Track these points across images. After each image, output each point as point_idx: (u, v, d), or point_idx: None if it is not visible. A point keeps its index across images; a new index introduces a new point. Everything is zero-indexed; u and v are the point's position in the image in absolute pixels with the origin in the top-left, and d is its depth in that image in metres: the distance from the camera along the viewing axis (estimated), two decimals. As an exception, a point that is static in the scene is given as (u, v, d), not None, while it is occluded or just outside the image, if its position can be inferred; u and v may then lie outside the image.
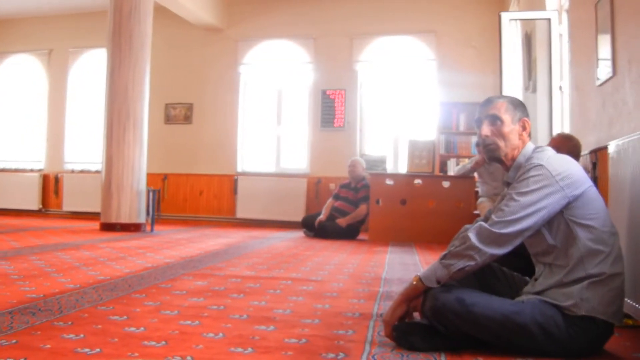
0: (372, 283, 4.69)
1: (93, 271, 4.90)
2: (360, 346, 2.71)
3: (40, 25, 14.54)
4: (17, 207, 13.96)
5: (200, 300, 3.71)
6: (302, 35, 12.51)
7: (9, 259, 5.63)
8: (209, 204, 12.90)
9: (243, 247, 7.60)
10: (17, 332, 2.78)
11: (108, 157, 9.76)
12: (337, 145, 12.07)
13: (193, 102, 13.16)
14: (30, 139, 14.64)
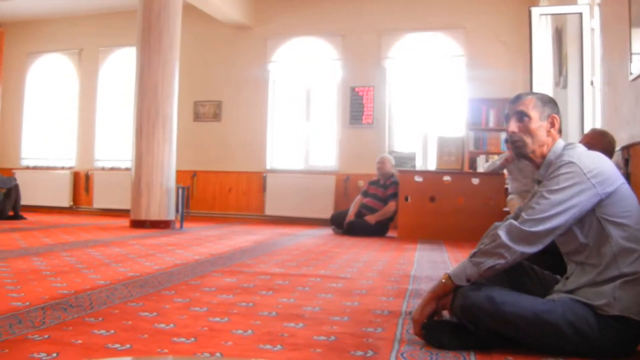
0: (401, 281, 4.68)
1: (123, 268, 4.94)
2: (389, 344, 2.71)
3: (71, 25, 14.64)
4: (48, 204, 14.08)
5: (229, 297, 3.72)
6: (330, 32, 12.50)
7: (41, 255, 5.68)
8: (238, 201, 12.93)
9: (272, 244, 7.62)
10: (49, 327, 2.81)
11: (138, 154, 9.82)
12: (366, 142, 12.05)
13: (222, 100, 13.20)
14: (61, 137, 14.75)
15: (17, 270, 4.59)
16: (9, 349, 2.42)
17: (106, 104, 14.27)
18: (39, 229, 9.18)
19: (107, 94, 14.29)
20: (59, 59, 14.85)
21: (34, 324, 2.85)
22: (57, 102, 14.88)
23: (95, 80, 14.32)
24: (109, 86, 14.28)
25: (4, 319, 2.93)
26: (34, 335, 2.65)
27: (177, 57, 10.04)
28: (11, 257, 5.49)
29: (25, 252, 5.89)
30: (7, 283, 4.01)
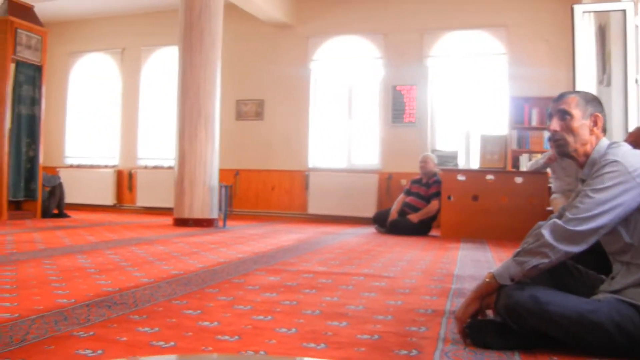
0: (445, 280, 4.66)
1: (167, 266, 4.97)
2: (432, 343, 2.69)
3: (113, 25, 14.78)
4: (92, 203, 14.23)
5: (273, 296, 3.73)
6: (372, 30, 12.48)
7: (86, 253, 5.74)
8: (281, 200, 12.96)
9: (315, 242, 7.62)
10: (94, 324, 2.84)
11: (181, 153, 9.89)
12: (408, 141, 12.01)
13: (264, 99, 13.23)
14: (104, 136, 14.89)
15: (63, 268, 4.64)
16: (55, 346, 2.45)
17: (149, 102, 14.38)
18: (83, 227, 9.28)
19: (149, 93, 14.40)
20: (102, 59, 14.99)
21: (79, 321, 2.88)
22: (100, 101, 15.03)
23: (138, 79, 14.45)
24: (151, 85, 14.38)
25: (50, 316, 2.96)
26: (79, 332, 2.68)
27: (218, 56, 10.10)
28: (56, 254, 5.56)
29: (70, 250, 5.96)
30: (53, 280, 4.06)
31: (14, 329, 2.70)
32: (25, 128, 10.64)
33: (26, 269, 4.58)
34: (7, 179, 10.26)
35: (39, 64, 10.88)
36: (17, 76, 10.46)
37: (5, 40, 10.28)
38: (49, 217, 11.06)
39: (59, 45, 14.83)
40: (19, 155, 10.51)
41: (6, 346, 2.42)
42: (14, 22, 10.37)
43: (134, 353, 2.39)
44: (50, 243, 6.61)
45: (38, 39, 10.88)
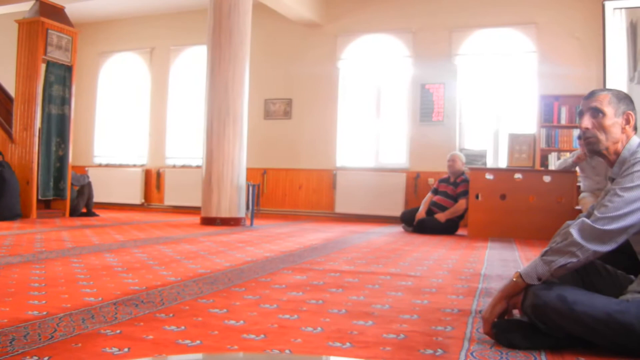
0: (471, 279, 4.64)
1: (194, 264, 4.99)
2: (459, 343, 2.68)
3: (142, 25, 14.86)
4: (121, 202, 14.33)
5: (299, 295, 3.73)
6: (401, 29, 12.44)
7: (114, 251, 5.77)
8: (308, 199, 12.97)
9: (342, 241, 7.62)
10: (121, 322, 2.85)
11: (208, 152, 9.93)
12: (436, 140, 11.96)
13: (292, 98, 13.24)
14: (133, 135, 14.97)
15: (90, 267, 4.67)
16: (82, 343, 2.46)
17: (177, 102, 14.44)
18: (111, 225, 9.34)
19: (178, 92, 14.46)
20: (131, 58, 15.09)
21: (106, 319, 2.90)
22: (129, 100, 15.12)
23: (167, 78, 14.52)
24: (180, 84, 14.44)
25: (78, 314, 2.98)
26: (106, 330, 2.70)
27: (247, 55, 10.12)
28: (84, 253, 5.60)
29: (98, 249, 5.99)
30: (81, 279, 4.08)
31: (42, 326, 2.72)
32: (55, 127, 10.73)
33: (55, 267, 4.61)
34: (37, 178, 10.35)
35: (69, 64, 10.96)
36: (47, 76, 10.56)
37: (36, 40, 10.38)
38: (78, 216, 11.14)
39: (88, 46, 14.95)
40: (48, 154, 10.59)
41: (34, 343, 2.44)
42: (45, 23, 10.47)
43: (160, 351, 2.40)
44: (78, 242, 6.66)
45: (68, 39, 10.97)
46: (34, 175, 10.30)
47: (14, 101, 10.69)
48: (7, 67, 11.28)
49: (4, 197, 9.66)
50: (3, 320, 2.82)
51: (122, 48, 15.19)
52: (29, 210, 10.24)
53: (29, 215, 10.21)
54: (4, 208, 9.64)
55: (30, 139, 10.33)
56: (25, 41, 10.53)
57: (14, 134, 10.47)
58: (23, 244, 6.24)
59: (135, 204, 14.32)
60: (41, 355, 2.27)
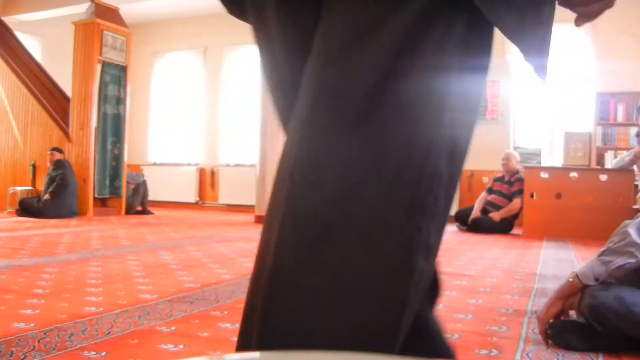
0: (527, 279, 4.59)
1: (248, 262, 5.01)
2: (514, 343, 2.66)
3: (196, 24, 14.95)
4: (175, 200, 14.45)
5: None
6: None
7: (169, 249, 5.83)
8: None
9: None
10: (176, 319, 2.88)
11: (263, 151, 9.96)
12: (490, 138, 11.84)
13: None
14: (187, 134, 15.08)
15: (146, 264, 4.72)
16: (138, 340, 2.49)
17: (231, 101, 14.50)
18: (166, 223, 9.43)
19: (231, 91, 14.53)
20: (184, 58, 15.20)
21: (162, 316, 2.93)
22: (183, 99, 15.23)
23: (220, 77, 14.59)
24: (234, 83, 14.51)
25: (134, 311, 3.02)
26: (161, 327, 2.72)
27: (300, 53, 10.13)
28: (140, 251, 5.66)
29: (154, 247, 6.06)
30: (137, 276, 4.13)
31: (99, 322, 2.76)
32: (110, 127, 10.87)
33: (111, 264, 4.67)
34: (93, 177, 10.50)
35: (123, 64, 11.10)
36: (103, 76, 10.70)
37: (92, 41, 10.54)
38: (133, 214, 11.27)
39: (142, 46, 15.09)
40: (104, 153, 10.74)
41: (92, 339, 2.47)
42: (100, 24, 10.61)
43: (215, 349, 2.42)
44: (134, 239, 6.74)
45: (123, 40, 11.10)
46: (90, 173, 10.45)
47: (70, 101, 10.85)
48: (64, 68, 11.46)
49: (64, 196, 9.82)
50: (62, 316, 2.87)
51: (175, 47, 15.31)
52: (86, 208, 10.38)
53: (86, 213, 10.35)
54: (63, 207, 9.80)
55: (87, 138, 10.47)
56: (82, 42, 10.69)
57: (71, 133, 10.63)
58: (80, 242, 6.33)
59: (189, 202, 14.42)
60: (98, 351, 2.30)
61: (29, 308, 3.04)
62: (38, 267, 4.43)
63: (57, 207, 9.74)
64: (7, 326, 2.66)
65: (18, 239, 6.49)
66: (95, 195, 10.61)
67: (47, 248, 5.69)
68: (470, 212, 9.69)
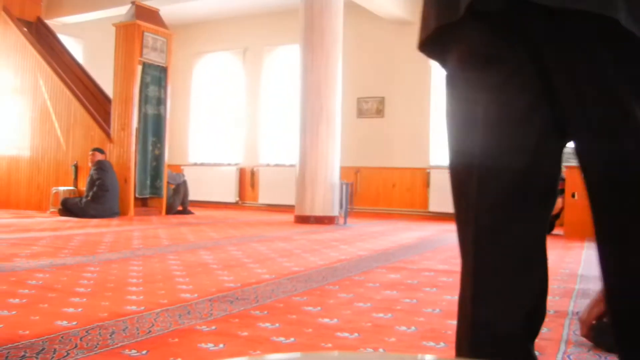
0: (568, 280, 4.54)
1: (288, 262, 5.02)
2: (555, 345, 2.63)
3: (235, 25, 15.03)
4: (216, 200, 14.53)
5: (393, 293, 3.71)
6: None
7: (209, 249, 5.85)
8: (402, 197, 12.90)
9: (436, 240, 7.57)
10: (217, 319, 2.89)
11: (302, 151, 9.97)
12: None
13: (385, 96, 13.20)
14: (227, 134, 15.15)
15: (187, 264, 4.74)
16: (178, 338, 2.50)
17: (270, 101, 14.55)
18: (206, 223, 9.48)
19: (271, 92, 14.57)
20: (224, 59, 15.29)
21: (202, 316, 2.94)
22: (223, 100, 15.31)
23: (260, 78, 14.66)
24: (273, 84, 14.55)
25: (174, 310, 3.03)
26: (202, 326, 2.73)
27: (339, 54, 10.14)
28: (180, 250, 5.69)
29: (194, 246, 6.09)
30: (177, 275, 4.15)
31: (140, 321, 2.78)
32: (151, 127, 10.95)
33: (152, 263, 4.71)
34: (134, 177, 10.58)
35: (164, 65, 11.17)
36: (143, 77, 10.78)
37: (132, 43, 10.62)
38: (174, 213, 11.34)
39: (183, 47, 15.19)
40: (145, 153, 10.81)
41: (133, 337, 2.49)
42: (141, 26, 10.69)
43: (254, 348, 2.42)
44: (174, 239, 6.78)
45: (163, 41, 11.18)
46: (131, 174, 10.53)
47: (112, 102, 10.95)
48: (106, 69, 11.57)
49: (107, 197, 9.91)
50: (103, 314, 2.89)
51: (215, 48, 15.40)
52: (127, 208, 10.47)
53: (127, 213, 10.44)
54: (105, 207, 9.89)
55: (128, 138, 10.56)
56: (123, 44, 10.78)
57: (112, 134, 10.72)
58: (121, 241, 6.38)
59: (229, 202, 14.49)
60: (139, 349, 2.32)
61: (72, 306, 3.07)
62: (80, 266, 4.47)
63: (98, 207, 9.83)
64: (50, 324, 2.69)
65: (61, 238, 6.56)
66: (136, 195, 10.69)
67: (89, 247, 5.74)
68: (511, 212, 9.60)
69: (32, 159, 11.66)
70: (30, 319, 2.80)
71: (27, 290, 3.51)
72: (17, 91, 11.94)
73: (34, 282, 3.80)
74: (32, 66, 11.70)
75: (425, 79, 12.81)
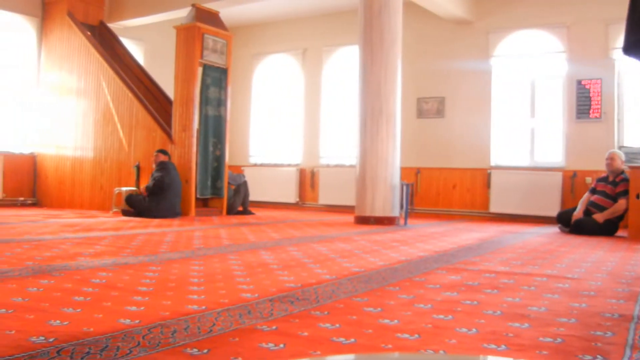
0: (633, 283, 4.46)
1: (348, 263, 5.02)
2: (619, 349, 2.58)
3: (295, 26, 15.11)
4: (276, 200, 14.61)
5: (453, 295, 3.69)
6: (554, 23, 12.11)
7: (269, 249, 5.88)
8: (462, 198, 12.82)
9: (497, 241, 7.51)
10: (277, 319, 2.90)
11: (362, 151, 9.98)
12: (594, 137, 11.59)
13: (445, 96, 13.13)
14: (287, 135, 15.22)
15: (247, 264, 4.77)
16: (239, 338, 2.52)
17: (330, 102, 14.59)
18: (267, 223, 9.53)
19: (330, 92, 14.61)
20: (284, 60, 15.38)
21: (263, 315, 2.95)
22: (283, 101, 15.39)
23: (319, 78, 14.70)
24: (333, 84, 14.59)
25: (235, 309, 3.05)
26: (262, 326, 2.75)
27: (398, 54, 10.12)
28: (241, 250, 5.73)
29: (254, 246, 6.12)
30: (238, 275, 4.18)
31: (201, 320, 2.80)
32: (212, 128, 11.05)
33: (213, 263, 4.74)
34: (195, 177, 10.69)
35: (224, 66, 11.27)
36: (204, 79, 10.90)
37: (193, 45, 10.74)
38: (234, 214, 11.43)
39: (242, 48, 15.33)
40: (206, 154, 10.92)
41: (194, 336, 2.51)
42: (201, 28, 10.81)
43: (315, 348, 2.42)
44: (235, 239, 6.83)
45: (223, 43, 11.28)
46: (192, 174, 10.65)
47: (173, 103, 11.08)
48: (166, 71, 11.71)
49: (168, 197, 10.03)
50: (165, 313, 2.92)
51: (275, 50, 15.49)
52: (188, 208, 10.59)
53: (188, 213, 10.55)
54: (167, 207, 10.01)
55: (189, 139, 10.67)
56: (183, 46, 10.91)
57: (174, 134, 10.85)
58: (183, 241, 6.45)
59: (290, 203, 14.56)
60: (201, 348, 2.34)
61: (134, 305, 3.11)
62: (142, 266, 4.53)
63: (159, 205, 9.95)
64: (113, 322, 2.73)
65: (123, 238, 6.65)
66: (197, 196, 10.80)
67: (151, 247, 5.81)
68: (573, 213, 9.50)
69: (95, 159, 11.86)
70: (94, 316, 2.85)
71: (90, 288, 3.58)
72: (81, 93, 12.16)
73: (97, 280, 3.86)
74: (95, 69, 11.90)
75: (486, 78, 12.72)
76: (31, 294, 3.36)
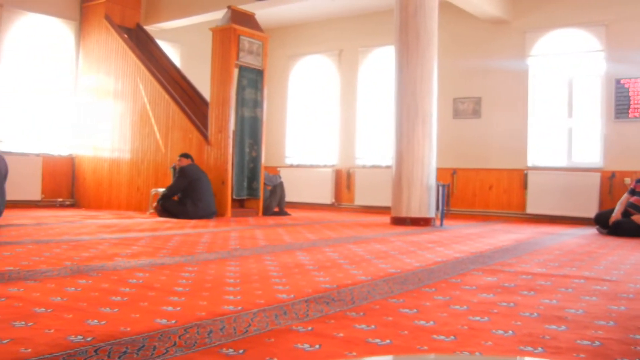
0: (671, 285, 4.42)
1: (384, 264, 5.01)
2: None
3: (330, 27, 15.13)
4: (311, 201, 14.63)
5: (490, 297, 3.67)
6: (592, 22, 11.98)
7: (305, 250, 5.89)
8: (499, 199, 12.74)
9: (534, 243, 7.46)
10: (313, 319, 2.90)
11: (398, 152, 9.96)
12: (633, 137, 11.46)
13: (481, 96, 13.06)
14: (323, 136, 15.23)
15: (283, 264, 4.78)
16: (275, 338, 2.53)
17: (366, 102, 14.58)
18: (302, 224, 9.54)
19: (366, 93, 14.60)
20: (320, 60, 15.39)
21: (298, 316, 2.96)
22: (319, 102, 15.40)
23: (355, 79, 14.70)
24: (369, 85, 14.58)
25: (271, 310, 3.06)
26: (298, 326, 2.75)
27: (434, 54, 10.08)
28: (277, 251, 5.75)
29: (290, 247, 6.13)
30: (274, 276, 4.19)
31: (237, 320, 2.81)
32: (248, 129, 11.09)
33: (249, 264, 4.76)
34: (232, 178, 10.73)
35: (260, 68, 11.30)
36: (240, 80, 10.93)
37: (229, 47, 10.78)
38: (270, 215, 11.46)
39: (278, 49, 15.37)
40: (242, 155, 10.96)
41: (230, 337, 2.52)
42: (237, 30, 10.85)
43: (350, 349, 2.42)
44: (271, 240, 6.84)
45: (259, 44, 11.30)
46: (228, 175, 10.69)
47: (209, 105, 11.13)
48: (203, 73, 11.78)
49: (202, 198, 10.06)
50: (201, 314, 2.94)
51: (311, 51, 15.51)
52: (224, 209, 10.63)
53: (224, 214, 10.60)
54: (202, 207, 10.05)
55: (225, 140, 10.71)
56: (219, 47, 10.96)
57: (210, 136, 10.90)
58: (219, 242, 6.47)
59: (325, 204, 14.56)
60: (236, 348, 2.35)
61: (170, 305, 3.13)
62: (178, 266, 4.55)
63: (197, 208, 9.99)
64: (150, 322, 2.75)
65: (160, 238, 6.69)
66: (233, 197, 10.84)
67: (187, 248, 5.84)
68: (611, 215, 9.41)
69: (132, 161, 11.94)
70: (131, 316, 2.87)
71: (127, 288, 3.61)
72: (118, 96, 12.25)
73: (134, 280, 3.89)
74: (132, 71, 11.99)
75: (523, 78, 12.63)
76: (69, 294, 3.40)
